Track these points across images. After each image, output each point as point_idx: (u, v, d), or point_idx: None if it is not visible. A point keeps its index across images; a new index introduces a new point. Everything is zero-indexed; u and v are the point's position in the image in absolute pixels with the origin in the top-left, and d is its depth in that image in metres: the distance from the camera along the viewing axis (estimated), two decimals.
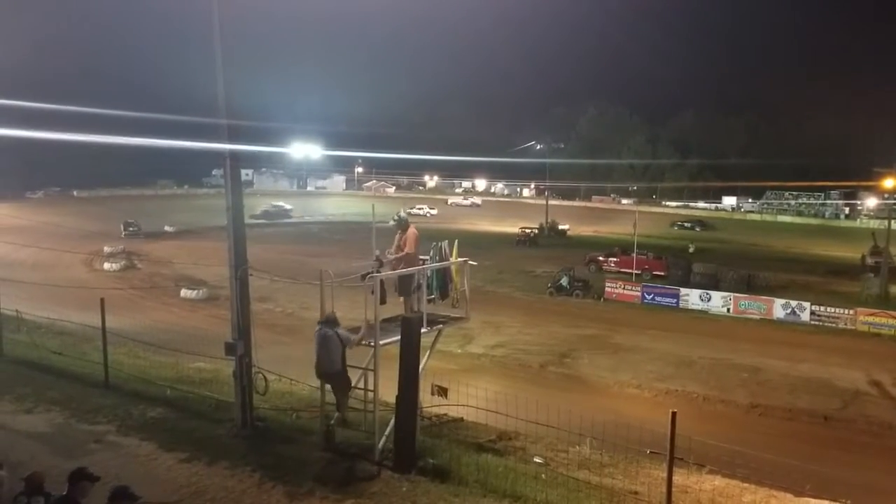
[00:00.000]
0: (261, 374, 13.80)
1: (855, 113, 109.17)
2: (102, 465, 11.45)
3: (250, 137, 15.34)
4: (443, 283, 13.57)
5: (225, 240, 14.08)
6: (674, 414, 9.84)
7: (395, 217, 13.70)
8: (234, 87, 13.43)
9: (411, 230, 13.52)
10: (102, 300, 16.90)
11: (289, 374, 16.92)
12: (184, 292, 43.78)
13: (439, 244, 13.59)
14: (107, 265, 54.34)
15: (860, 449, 21.66)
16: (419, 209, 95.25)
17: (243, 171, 14.24)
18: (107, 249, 58.92)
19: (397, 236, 13.64)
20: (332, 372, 12.29)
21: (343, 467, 11.93)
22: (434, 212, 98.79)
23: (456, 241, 14.08)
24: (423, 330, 12.32)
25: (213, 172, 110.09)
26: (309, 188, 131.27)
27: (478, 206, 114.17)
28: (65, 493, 7.82)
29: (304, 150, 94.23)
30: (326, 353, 12.21)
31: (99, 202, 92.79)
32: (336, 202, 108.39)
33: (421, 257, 13.64)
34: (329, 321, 12.32)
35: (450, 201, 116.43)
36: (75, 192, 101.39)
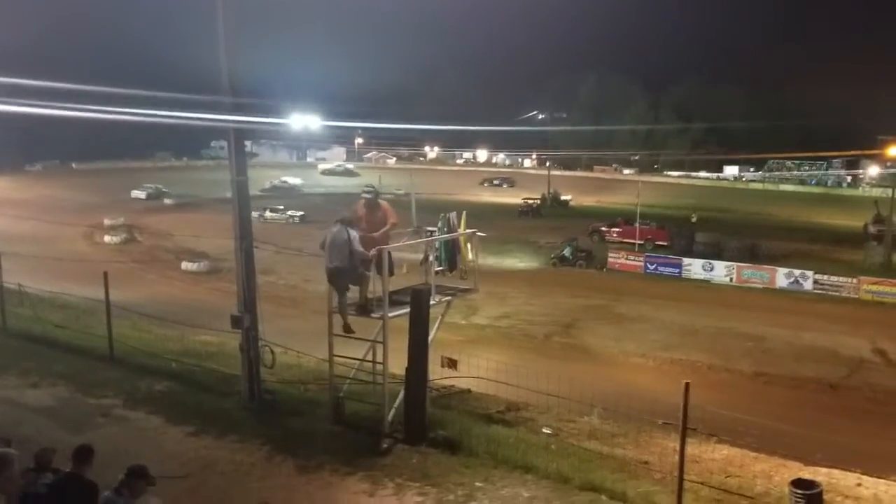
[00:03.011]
0: (267, 347, 13.74)
1: (858, 80, 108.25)
2: (110, 438, 11.45)
3: (252, 110, 15.12)
4: (451, 254, 13.42)
5: (225, 212, 13.95)
6: (687, 384, 9.75)
7: (370, 188, 13.10)
8: (236, 60, 13.23)
9: (385, 202, 13.14)
10: (106, 273, 16.83)
11: (294, 346, 16.84)
12: (185, 265, 43.69)
13: (447, 215, 13.41)
14: (107, 238, 54.20)
15: (866, 416, 21.59)
16: (283, 181, 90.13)
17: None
18: (107, 222, 58.72)
19: (364, 208, 12.85)
20: (340, 267, 11.96)
21: (353, 440, 11.89)
22: (298, 181, 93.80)
23: (464, 213, 13.93)
24: (431, 302, 12.22)
25: (212, 144, 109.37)
26: (309, 160, 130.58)
27: (351, 171, 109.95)
28: (70, 469, 7.73)
29: (304, 121, 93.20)
30: (336, 249, 11.98)
31: (98, 174, 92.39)
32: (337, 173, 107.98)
33: (428, 228, 13.47)
34: (345, 220, 12.14)
35: (320, 168, 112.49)
36: (74, 165, 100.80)
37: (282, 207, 65.12)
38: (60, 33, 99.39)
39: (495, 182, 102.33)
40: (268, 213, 63.51)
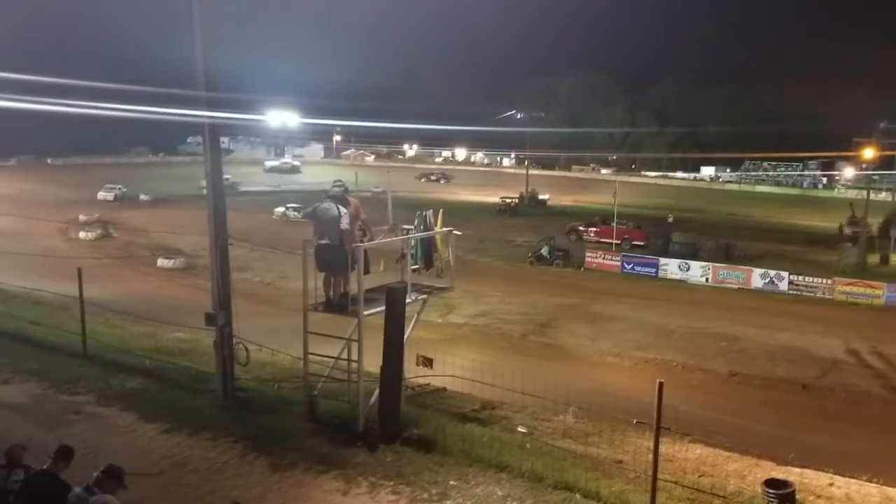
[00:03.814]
0: (242, 345, 13.67)
1: (834, 83, 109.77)
2: (82, 436, 11.35)
3: (229, 106, 15.03)
4: (427, 252, 13.40)
5: (202, 208, 13.86)
6: (661, 384, 9.80)
7: (340, 184, 12.88)
8: (212, 55, 13.13)
9: (355, 199, 12.89)
10: (80, 269, 16.70)
11: (269, 344, 16.81)
12: (161, 262, 43.28)
13: (424, 213, 13.39)
14: (82, 234, 53.65)
15: (838, 417, 21.81)
16: (226, 178, 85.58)
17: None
18: (82, 218, 58.21)
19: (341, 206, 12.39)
20: (328, 244, 11.86)
21: (327, 438, 11.84)
22: (236, 179, 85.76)
23: (441, 211, 13.92)
24: (407, 300, 12.20)
25: (189, 140, 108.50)
26: (286, 157, 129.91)
27: (296, 167, 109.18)
28: (45, 467, 7.70)
29: (282, 117, 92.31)
30: (325, 225, 11.92)
31: (73, 170, 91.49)
32: (314, 171, 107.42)
33: (405, 227, 13.45)
34: (336, 197, 12.04)
35: (267, 165, 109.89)
36: (49, 160, 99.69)
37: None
38: (34, 26, 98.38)
39: (432, 178, 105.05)
40: (290, 213, 62.85)
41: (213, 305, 13.40)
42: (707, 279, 42.16)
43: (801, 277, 40.03)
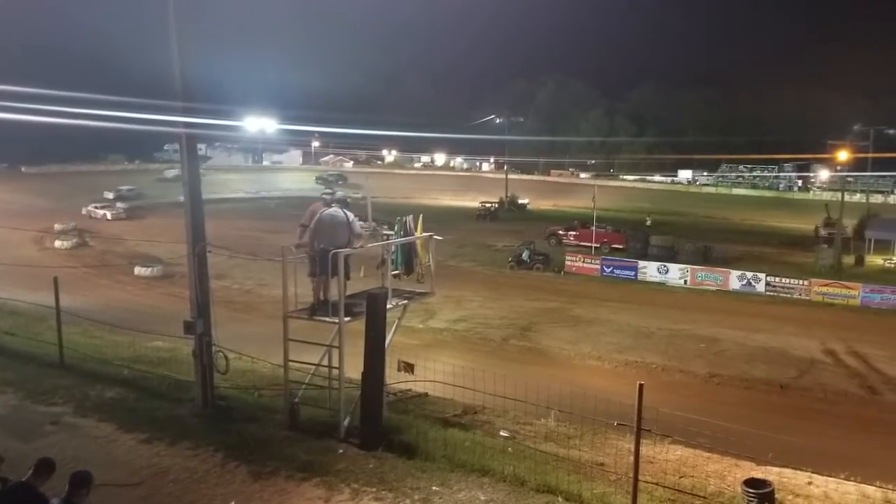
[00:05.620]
0: (221, 353, 13.59)
1: (809, 86, 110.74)
2: (60, 446, 11.25)
3: (206, 112, 14.96)
4: (408, 257, 13.41)
5: (180, 216, 13.79)
6: (641, 386, 9.83)
7: (330, 191, 13.03)
8: (189, 62, 13.07)
9: None
10: (56, 279, 16.53)
11: (248, 351, 16.71)
12: (138, 270, 42.98)
13: (404, 218, 13.41)
14: (58, 243, 53.18)
15: (816, 416, 22.04)
16: (130, 189, 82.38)
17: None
18: (57, 227, 57.67)
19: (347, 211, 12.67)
20: (335, 249, 11.85)
21: (308, 445, 11.78)
22: (136, 188, 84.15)
23: (421, 216, 13.93)
24: (388, 305, 12.18)
25: (165, 147, 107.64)
26: (265, 163, 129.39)
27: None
28: (24, 479, 7.62)
29: (259, 124, 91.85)
30: (334, 229, 12.05)
31: (49, 178, 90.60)
32: (293, 177, 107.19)
33: (385, 232, 13.46)
34: (342, 201, 12.12)
35: (169, 175, 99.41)
36: (24, 168, 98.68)
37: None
38: (8, 34, 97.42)
39: (329, 177, 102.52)
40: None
41: (192, 313, 13.32)
42: (685, 281, 42.40)
43: (777, 279, 40.36)
